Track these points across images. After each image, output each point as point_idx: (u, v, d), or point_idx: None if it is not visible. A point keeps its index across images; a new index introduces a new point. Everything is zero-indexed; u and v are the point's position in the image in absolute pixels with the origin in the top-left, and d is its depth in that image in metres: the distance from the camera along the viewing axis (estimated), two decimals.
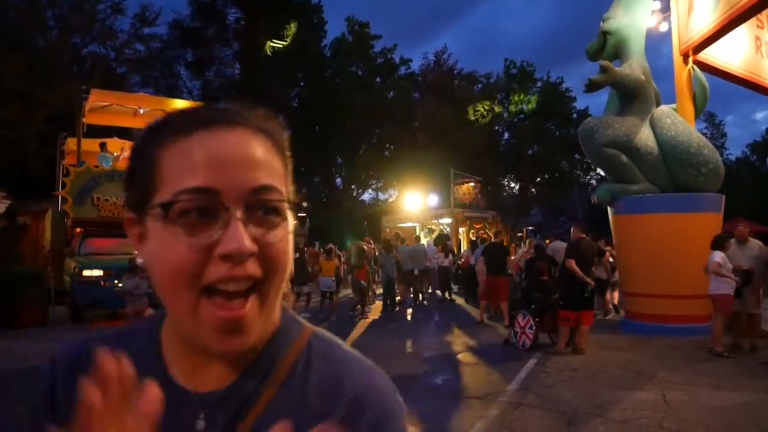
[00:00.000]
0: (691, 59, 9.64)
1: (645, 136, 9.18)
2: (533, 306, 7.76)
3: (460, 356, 7.48)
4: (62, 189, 12.43)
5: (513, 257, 11.42)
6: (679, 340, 8.06)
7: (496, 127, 38.73)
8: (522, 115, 38.45)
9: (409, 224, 24.51)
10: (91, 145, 14.18)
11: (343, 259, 13.99)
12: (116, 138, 15.21)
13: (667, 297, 8.69)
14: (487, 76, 38.28)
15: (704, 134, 11.31)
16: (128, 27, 26.88)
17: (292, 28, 29.75)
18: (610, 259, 10.49)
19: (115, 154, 13.99)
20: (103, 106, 14.37)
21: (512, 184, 39.10)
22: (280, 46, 29.17)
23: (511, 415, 4.85)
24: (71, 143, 14.36)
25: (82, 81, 18.20)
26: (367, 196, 40.70)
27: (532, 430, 4.52)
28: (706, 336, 7.58)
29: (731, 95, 60.13)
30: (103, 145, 13.89)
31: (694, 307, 8.41)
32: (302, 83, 35.64)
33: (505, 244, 11.91)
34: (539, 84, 37.83)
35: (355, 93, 33.77)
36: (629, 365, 6.68)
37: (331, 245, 13.15)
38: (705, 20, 9.06)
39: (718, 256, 7.09)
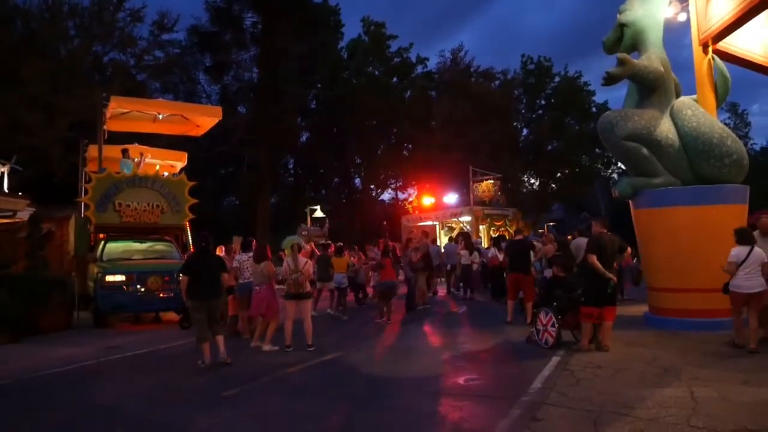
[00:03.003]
0: (710, 49, 9.41)
1: (665, 128, 9.00)
2: (555, 303, 7.65)
3: (482, 355, 7.41)
4: (84, 195, 12.65)
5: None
6: (705, 335, 7.90)
7: (515, 123, 38.42)
8: (540, 111, 38.09)
9: (429, 223, 24.47)
10: (112, 151, 14.42)
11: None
12: (137, 144, 15.43)
13: (691, 291, 8.52)
14: (504, 72, 38.02)
15: (727, 124, 11.07)
16: (147, 34, 27.28)
17: None
18: None
19: (135, 159, 14.19)
20: (123, 112, 14.60)
21: (532, 181, 38.69)
22: None
23: (535, 414, 4.76)
24: (93, 150, 14.61)
25: (104, 88, 18.51)
26: (386, 196, 40.70)
27: (556, 430, 4.44)
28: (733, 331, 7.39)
29: (756, 84, 58.41)
30: (125, 152, 14.10)
31: (720, 301, 8.16)
32: (320, 85, 35.75)
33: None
34: (557, 79, 37.42)
35: (372, 93, 33.77)
36: (654, 361, 6.54)
37: (341, 244, 13.15)
38: (724, 9, 8.83)
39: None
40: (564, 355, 7.03)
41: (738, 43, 9.57)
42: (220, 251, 10.17)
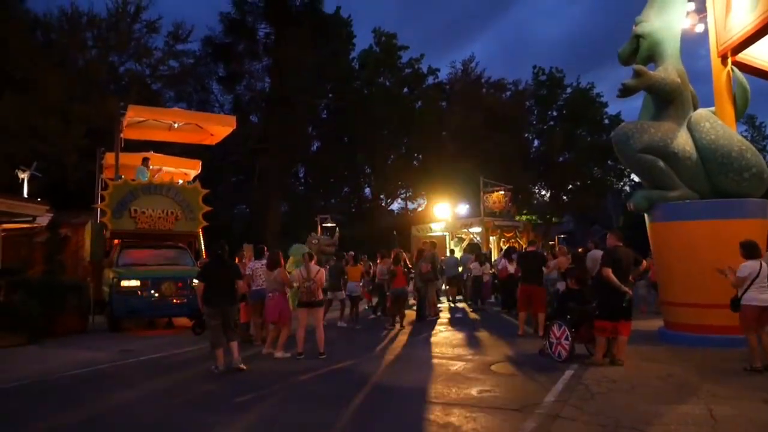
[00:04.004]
0: (729, 60, 9.34)
1: (683, 141, 8.93)
2: (569, 316, 7.59)
3: (494, 367, 7.35)
4: (101, 202, 12.79)
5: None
6: (723, 352, 7.77)
7: (526, 135, 38.39)
8: (552, 122, 38.04)
9: (439, 234, 24.40)
10: (128, 159, 14.59)
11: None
12: (152, 152, 15.60)
13: (708, 306, 8.37)
14: (515, 83, 38.08)
15: (744, 137, 10.93)
16: (162, 44, 27.73)
17: None
18: None
19: (152, 167, 14.36)
20: (140, 121, 14.77)
21: (543, 192, 38.57)
22: None
23: (549, 427, 4.72)
24: (110, 158, 14.79)
25: (120, 97, 18.76)
26: (396, 206, 40.71)
27: None
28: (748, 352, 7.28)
29: None
30: (145, 160, 14.31)
31: (738, 318, 8.09)
32: (331, 95, 35.98)
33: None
34: (569, 90, 37.38)
35: (383, 103, 33.91)
36: (670, 377, 6.46)
37: (352, 252, 13.25)
38: (744, 20, 8.77)
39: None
40: (578, 369, 6.96)
41: (758, 54, 9.46)
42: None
